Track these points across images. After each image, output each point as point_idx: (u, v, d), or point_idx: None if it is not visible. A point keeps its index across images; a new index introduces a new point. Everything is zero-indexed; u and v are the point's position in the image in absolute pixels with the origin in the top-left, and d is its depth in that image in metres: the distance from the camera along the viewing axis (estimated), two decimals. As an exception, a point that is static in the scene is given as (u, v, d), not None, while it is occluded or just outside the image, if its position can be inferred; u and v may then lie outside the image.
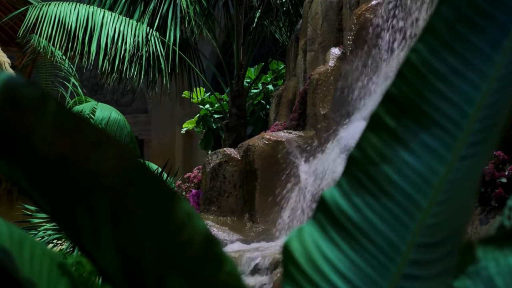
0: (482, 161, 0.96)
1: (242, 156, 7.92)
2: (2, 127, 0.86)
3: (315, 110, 7.95)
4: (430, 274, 0.95)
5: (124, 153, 0.85)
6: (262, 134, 8.16)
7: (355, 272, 1.00)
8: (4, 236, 0.99)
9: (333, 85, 7.85)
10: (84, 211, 0.86)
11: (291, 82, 9.50)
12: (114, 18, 11.18)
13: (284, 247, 1.05)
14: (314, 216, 1.07)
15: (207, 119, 13.18)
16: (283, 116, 9.14)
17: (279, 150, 7.74)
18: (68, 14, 10.91)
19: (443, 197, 0.96)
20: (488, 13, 1.00)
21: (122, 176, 0.85)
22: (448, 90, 1.00)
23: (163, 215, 0.86)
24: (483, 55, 0.99)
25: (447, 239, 0.95)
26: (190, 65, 12.39)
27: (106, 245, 0.87)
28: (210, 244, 0.87)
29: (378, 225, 1.01)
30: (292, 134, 7.93)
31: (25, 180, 0.88)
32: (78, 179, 0.85)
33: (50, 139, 0.84)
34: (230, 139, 11.58)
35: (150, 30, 11.40)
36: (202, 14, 11.92)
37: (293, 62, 9.78)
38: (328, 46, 8.55)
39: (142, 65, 11.36)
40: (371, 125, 1.04)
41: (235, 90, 12.00)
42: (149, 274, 0.87)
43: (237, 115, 11.89)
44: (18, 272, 0.96)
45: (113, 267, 0.88)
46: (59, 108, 0.84)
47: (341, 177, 1.06)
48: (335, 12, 8.82)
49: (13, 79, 0.85)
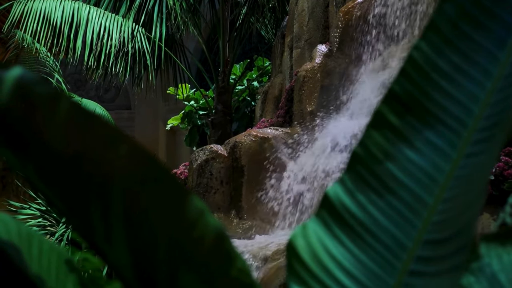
0: (490, 159, 0.97)
1: (229, 152, 7.91)
2: (15, 124, 0.86)
3: (301, 107, 7.96)
4: (438, 270, 0.96)
5: (137, 150, 0.85)
6: (249, 131, 8.16)
7: (360, 268, 1.01)
8: (13, 232, 0.99)
9: (319, 82, 7.85)
10: (97, 208, 0.86)
11: (277, 79, 9.50)
12: (99, 14, 11.13)
13: (288, 244, 1.06)
14: (317, 213, 1.07)
15: (192, 116, 13.15)
16: (269, 113, 9.14)
17: (266, 146, 7.74)
18: (53, 10, 10.85)
19: (450, 194, 0.96)
20: (492, 11, 1.01)
21: (134, 173, 0.85)
22: (452, 88, 1.01)
23: (176, 212, 0.86)
24: (488, 53, 1.00)
25: (455, 236, 0.96)
26: (176, 61, 12.36)
27: (118, 242, 0.87)
28: (222, 241, 0.87)
29: (383, 222, 1.01)
30: (279, 131, 7.93)
31: (37, 177, 0.88)
32: (91, 176, 0.85)
33: (62, 137, 0.85)
34: (216, 136, 11.57)
35: (136, 26, 11.36)
36: (188, 10, 11.90)
37: (279, 59, 9.78)
38: (314, 43, 8.55)
39: (127, 61, 11.32)
40: (374, 123, 1.04)
41: (221, 86, 11.98)
42: (161, 271, 0.88)
43: (223, 111, 11.88)
44: (28, 269, 0.97)
45: (125, 264, 0.89)
46: (72, 105, 0.84)
47: (344, 174, 1.06)
48: (321, 9, 8.82)
49: (26, 76, 0.85)
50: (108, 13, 11.31)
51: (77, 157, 0.85)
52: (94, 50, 11.01)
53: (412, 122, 1.02)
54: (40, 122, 0.85)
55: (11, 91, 0.84)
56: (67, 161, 0.85)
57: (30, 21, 10.71)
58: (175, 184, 0.86)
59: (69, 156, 0.85)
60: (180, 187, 0.86)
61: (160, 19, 11.56)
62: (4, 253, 0.96)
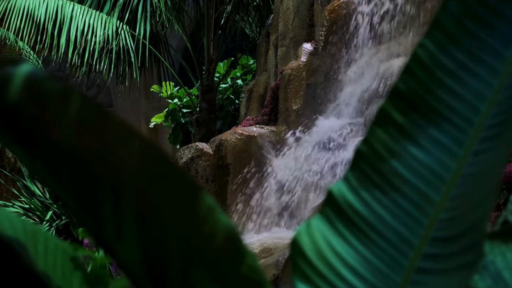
0: (499, 156, 0.97)
1: (215, 150, 7.91)
2: (25, 121, 0.85)
3: (287, 105, 7.96)
4: (447, 268, 0.96)
5: (148, 146, 0.85)
6: (235, 129, 8.16)
7: (365, 265, 1.01)
8: (18, 229, 0.98)
9: (305, 80, 7.87)
10: (108, 204, 0.86)
11: (262, 77, 9.50)
12: (83, 11, 11.09)
13: (292, 241, 1.05)
14: (321, 210, 1.07)
15: (175, 114, 13.13)
16: (254, 111, 9.14)
17: (252, 145, 7.75)
18: (37, 7, 10.79)
19: (457, 192, 0.96)
20: (497, 9, 1.00)
21: (146, 170, 0.85)
22: (457, 86, 1.01)
23: (187, 208, 0.86)
24: (494, 51, 1.00)
25: (464, 234, 0.96)
26: (160, 59, 12.34)
27: (129, 238, 0.87)
28: (232, 238, 0.87)
29: (388, 219, 1.01)
30: (265, 129, 7.94)
31: (47, 173, 0.88)
32: (102, 173, 0.85)
33: (73, 133, 0.84)
34: (200, 134, 11.55)
35: (120, 24, 11.33)
36: (173, 8, 11.88)
37: (264, 57, 9.78)
38: (299, 41, 8.57)
39: (111, 59, 11.28)
40: (378, 120, 1.04)
41: (206, 84, 11.97)
42: (172, 268, 0.87)
43: (207, 109, 11.87)
44: (35, 265, 0.96)
45: (134, 260, 0.88)
46: (83, 102, 0.84)
47: (348, 172, 1.06)
48: (306, 7, 8.84)
49: (36, 72, 0.84)
50: (92, 10, 11.27)
51: (88, 154, 0.85)
52: (78, 47, 10.96)
53: (417, 120, 1.02)
54: (50, 119, 0.84)
55: (21, 87, 0.84)
56: (78, 158, 0.85)
57: (14, 18, 10.66)
58: (186, 181, 0.86)
59: (80, 153, 0.85)
60: (191, 184, 0.86)
61: (144, 17, 11.53)
62: (11, 249, 0.95)
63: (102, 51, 11.17)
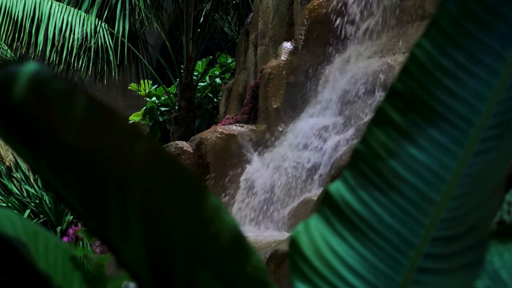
0: (502, 156, 0.97)
1: (195, 149, 7.90)
2: (30, 120, 0.85)
3: (267, 104, 7.97)
4: (449, 267, 0.96)
5: (154, 146, 0.84)
6: (214, 128, 8.15)
7: (365, 265, 1.01)
8: (19, 228, 0.98)
9: (285, 79, 7.87)
10: (113, 203, 0.85)
11: (241, 76, 9.50)
12: (62, 8, 11.02)
13: (291, 240, 1.05)
14: (319, 210, 1.07)
15: (153, 112, 13.08)
16: (233, 110, 9.14)
17: (232, 143, 7.74)
18: (15, 4, 10.71)
19: (458, 192, 0.97)
20: (496, 11, 1.01)
21: (151, 170, 0.85)
22: (456, 86, 1.01)
23: (192, 208, 0.86)
24: (493, 52, 1.00)
25: (467, 233, 0.96)
26: (138, 57, 12.30)
27: (134, 238, 0.87)
28: (237, 238, 0.87)
29: (386, 219, 1.01)
30: (245, 128, 7.94)
31: (51, 173, 0.88)
32: (107, 172, 0.85)
33: (79, 133, 0.84)
34: (179, 132, 11.53)
35: (98, 22, 11.28)
36: (152, 6, 11.84)
37: (243, 56, 9.78)
38: (279, 40, 8.57)
39: (90, 57, 11.23)
40: (376, 120, 1.04)
41: (184, 83, 11.94)
42: (178, 267, 0.87)
43: (186, 108, 11.84)
44: (36, 264, 0.96)
45: (139, 260, 0.88)
46: (88, 101, 0.83)
47: (346, 171, 1.06)
48: (286, 6, 8.84)
49: (42, 72, 0.84)
50: (71, 8, 11.20)
51: (94, 153, 0.84)
52: (56, 45, 10.90)
53: (415, 120, 1.02)
54: (55, 119, 0.84)
55: (26, 87, 0.83)
56: (83, 157, 0.85)
57: (-9, 15, 10.58)
58: (191, 181, 0.86)
59: (85, 152, 0.84)
60: (196, 183, 0.86)
61: (123, 15, 11.48)
62: (13, 248, 0.95)
63: (80, 49, 11.11)
